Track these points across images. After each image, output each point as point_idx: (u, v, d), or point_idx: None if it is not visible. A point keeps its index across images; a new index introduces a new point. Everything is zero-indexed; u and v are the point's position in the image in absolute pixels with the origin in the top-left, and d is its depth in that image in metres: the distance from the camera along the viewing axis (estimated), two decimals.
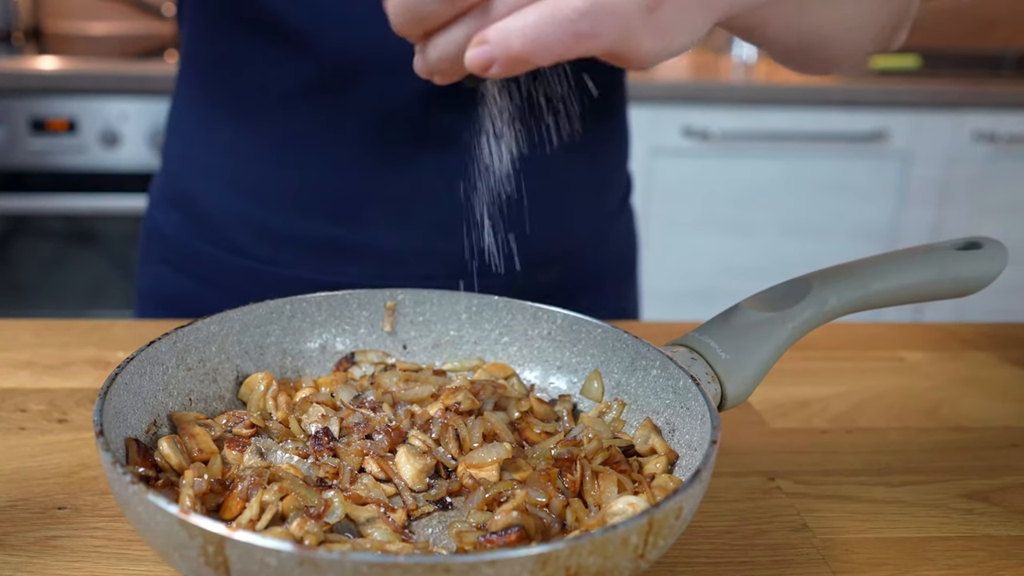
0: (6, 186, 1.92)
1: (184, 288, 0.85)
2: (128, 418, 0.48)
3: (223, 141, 0.81)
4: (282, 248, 0.80)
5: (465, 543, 0.43)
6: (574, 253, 0.86)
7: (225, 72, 0.79)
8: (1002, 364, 0.78)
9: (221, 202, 0.82)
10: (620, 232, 0.93)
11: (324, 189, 0.78)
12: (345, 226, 0.79)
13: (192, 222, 0.84)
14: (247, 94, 0.78)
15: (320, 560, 0.34)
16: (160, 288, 0.88)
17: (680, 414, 0.50)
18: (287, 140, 0.78)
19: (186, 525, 0.36)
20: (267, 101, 0.77)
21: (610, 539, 0.36)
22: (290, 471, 0.47)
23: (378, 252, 0.79)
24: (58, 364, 0.70)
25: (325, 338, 0.60)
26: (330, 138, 0.77)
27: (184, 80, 0.85)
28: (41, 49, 2.13)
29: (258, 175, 0.79)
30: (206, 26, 0.79)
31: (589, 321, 0.57)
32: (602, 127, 0.87)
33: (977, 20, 2.65)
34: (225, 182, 0.81)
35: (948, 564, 0.51)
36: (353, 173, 0.77)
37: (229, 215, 0.81)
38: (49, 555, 0.48)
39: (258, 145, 0.79)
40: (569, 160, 0.83)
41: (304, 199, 0.79)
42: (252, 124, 0.79)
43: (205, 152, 0.82)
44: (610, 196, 0.91)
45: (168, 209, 0.86)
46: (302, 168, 0.78)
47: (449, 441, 0.51)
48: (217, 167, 0.81)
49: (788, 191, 2.12)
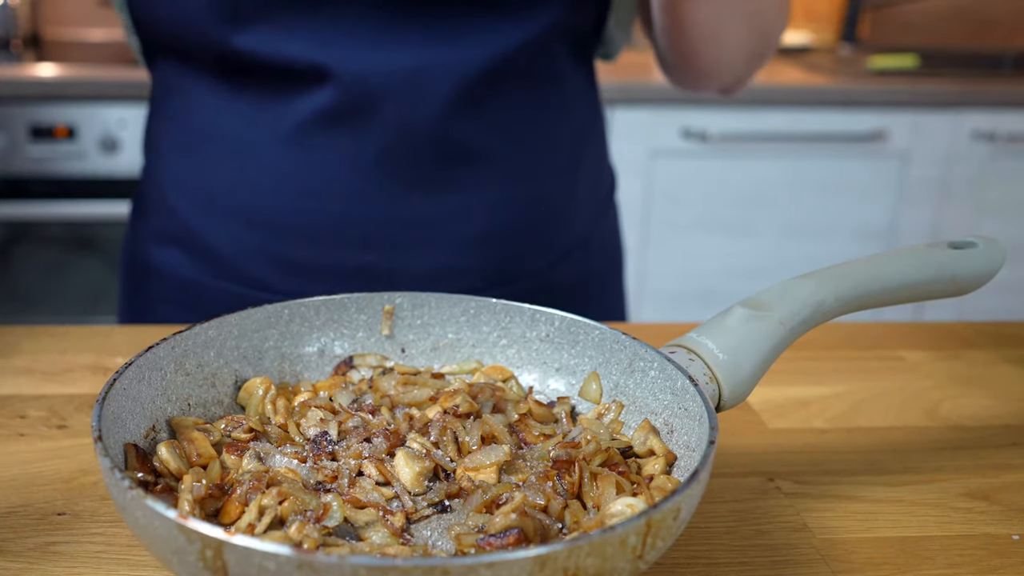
0: (6, 193, 1.92)
1: None
2: (127, 423, 0.48)
3: (227, 177, 0.79)
4: (314, 280, 0.79)
5: (464, 545, 0.43)
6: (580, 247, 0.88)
7: (221, 108, 0.78)
8: (1002, 363, 0.78)
9: (233, 239, 0.80)
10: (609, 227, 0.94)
11: (350, 217, 0.77)
12: (375, 253, 0.79)
13: (199, 260, 0.81)
14: (250, 129, 0.77)
15: (318, 563, 0.34)
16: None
17: (678, 415, 0.50)
18: (302, 172, 0.77)
19: (184, 530, 0.36)
20: (275, 134, 0.76)
21: (608, 540, 0.36)
22: (289, 475, 0.47)
23: (408, 274, 0.80)
24: (57, 370, 0.70)
25: (323, 342, 0.60)
26: (351, 165, 0.76)
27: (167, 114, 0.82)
28: (40, 56, 2.14)
29: (273, 209, 0.78)
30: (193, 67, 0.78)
31: (587, 323, 0.57)
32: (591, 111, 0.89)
33: (976, 20, 2.65)
34: (235, 218, 0.79)
35: (948, 563, 0.51)
36: (379, 198, 0.77)
37: (245, 251, 0.80)
38: (49, 561, 0.48)
39: (269, 179, 0.77)
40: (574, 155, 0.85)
41: (330, 229, 0.78)
42: (259, 158, 0.77)
43: (206, 188, 0.80)
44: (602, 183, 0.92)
45: (165, 246, 0.84)
46: (321, 199, 0.77)
47: (448, 444, 0.51)
48: (223, 203, 0.79)
49: (787, 192, 2.12)
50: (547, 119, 0.82)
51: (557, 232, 0.85)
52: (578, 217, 0.87)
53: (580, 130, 0.86)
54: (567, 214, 0.86)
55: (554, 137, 0.83)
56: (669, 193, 2.09)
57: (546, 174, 0.83)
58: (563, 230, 0.86)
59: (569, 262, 0.87)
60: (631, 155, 2.01)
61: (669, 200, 2.10)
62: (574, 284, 0.88)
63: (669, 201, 2.10)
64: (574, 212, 0.86)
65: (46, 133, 1.88)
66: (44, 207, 1.94)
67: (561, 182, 0.84)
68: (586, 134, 0.87)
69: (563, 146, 0.84)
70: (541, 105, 0.81)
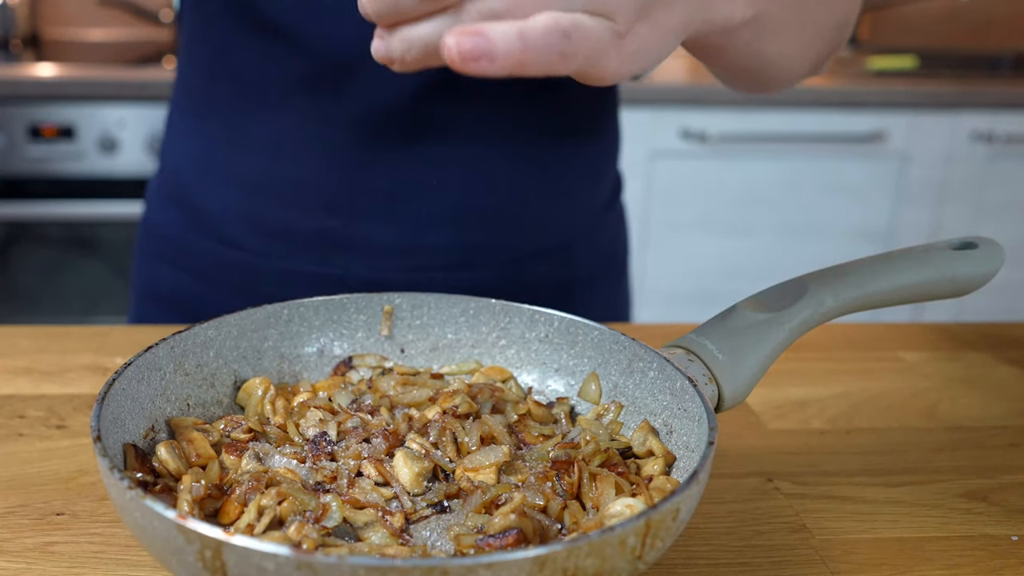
0: (4, 193, 1.92)
1: (180, 284, 0.86)
2: (126, 423, 0.48)
3: (218, 136, 0.81)
4: (277, 240, 0.81)
5: (463, 546, 0.43)
6: (564, 249, 0.87)
7: (219, 68, 0.80)
8: (1000, 364, 0.78)
9: (218, 196, 0.82)
10: (611, 229, 0.94)
11: (318, 182, 0.79)
12: (339, 218, 0.80)
13: (188, 217, 0.85)
14: (241, 89, 0.79)
15: (317, 564, 0.34)
16: (156, 285, 0.89)
17: (677, 416, 0.50)
18: (281, 133, 0.79)
19: (183, 530, 0.36)
20: (261, 95, 0.78)
21: (608, 541, 0.36)
22: (288, 475, 0.47)
23: (371, 244, 0.80)
24: (56, 370, 0.70)
25: (323, 342, 0.60)
26: (323, 131, 0.78)
27: (181, 78, 0.86)
28: (39, 56, 2.14)
29: (254, 168, 0.80)
30: (201, 24, 0.80)
31: (586, 324, 0.57)
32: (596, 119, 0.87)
33: (974, 20, 2.65)
34: (222, 176, 0.82)
35: (947, 564, 0.51)
36: (346, 166, 0.78)
37: (225, 209, 0.82)
38: (47, 561, 0.48)
39: (253, 139, 0.80)
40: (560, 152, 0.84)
41: (298, 192, 0.79)
42: (247, 118, 0.80)
43: (201, 148, 0.83)
44: (600, 191, 0.91)
45: (165, 206, 0.87)
46: (296, 161, 0.79)
47: (447, 444, 0.51)
48: (213, 162, 0.82)
49: (786, 192, 2.12)
50: (532, 107, 0.80)
51: (531, 227, 0.84)
52: (560, 218, 0.86)
53: (575, 129, 0.85)
54: (545, 211, 0.84)
55: (542, 129, 0.82)
56: (668, 193, 2.09)
57: (524, 164, 0.82)
58: (539, 227, 0.84)
59: (546, 263, 0.86)
60: (630, 155, 2.01)
61: (668, 200, 2.10)
62: (550, 287, 0.86)
63: (668, 201, 2.10)
64: (555, 211, 0.85)
65: (45, 133, 1.88)
66: (43, 207, 1.94)
67: (541, 176, 0.83)
68: (584, 134, 0.86)
69: (550, 141, 0.83)
70: (530, 94, 0.80)
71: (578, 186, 0.87)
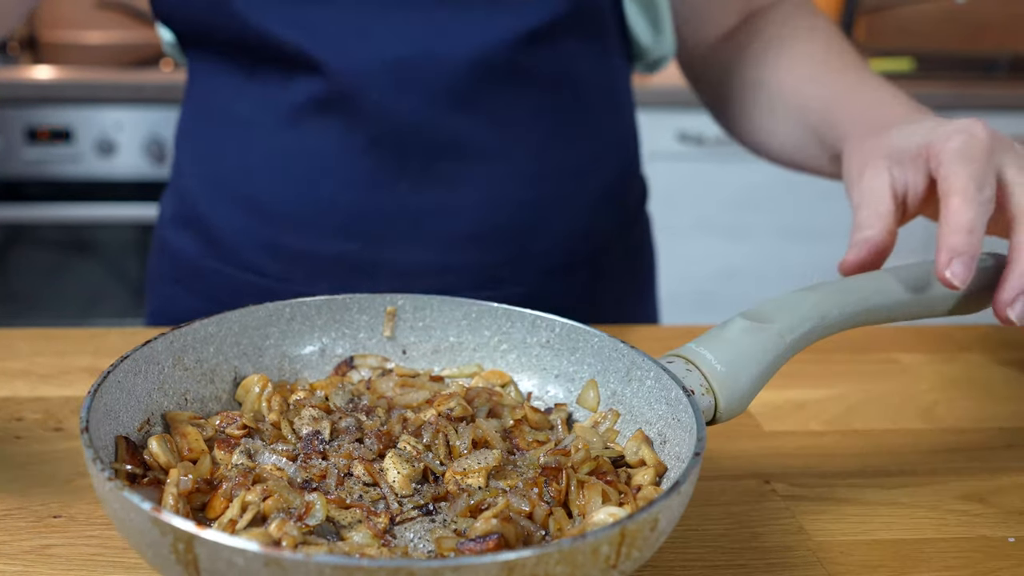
0: (2, 195, 1.92)
1: (197, 309, 0.84)
2: (120, 416, 0.48)
3: (233, 160, 0.80)
4: (295, 266, 0.80)
5: (444, 549, 0.43)
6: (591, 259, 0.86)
7: (233, 92, 0.79)
8: (996, 365, 0.78)
9: (233, 221, 0.81)
10: (636, 237, 0.93)
11: (336, 205, 0.77)
12: (358, 242, 0.78)
13: (204, 242, 0.83)
14: (256, 113, 0.78)
15: (285, 561, 0.35)
16: (172, 308, 0.88)
17: (672, 426, 0.50)
18: (297, 156, 0.77)
19: (158, 522, 0.37)
20: (276, 118, 0.77)
21: (579, 548, 0.36)
22: (275, 473, 0.47)
23: (393, 268, 0.79)
24: (54, 373, 0.70)
25: (325, 342, 0.60)
26: (340, 153, 0.76)
27: (192, 99, 0.85)
28: (37, 58, 2.14)
29: (269, 193, 0.79)
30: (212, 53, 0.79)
31: (587, 330, 0.57)
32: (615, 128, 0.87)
33: (970, 23, 2.66)
34: (237, 201, 0.80)
35: (944, 565, 0.51)
36: (364, 188, 0.77)
37: (241, 234, 0.81)
38: (45, 564, 0.48)
39: (268, 163, 0.78)
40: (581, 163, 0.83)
41: (316, 216, 0.78)
42: (261, 142, 0.78)
43: (215, 171, 0.82)
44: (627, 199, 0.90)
45: (179, 229, 0.86)
46: (313, 185, 0.77)
47: (439, 447, 0.51)
48: (228, 186, 0.81)
49: (784, 195, 2.12)
50: (554, 121, 0.79)
51: (554, 241, 0.82)
52: (583, 230, 0.84)
53: (597, 138, 0.83)
54: (569, 224, 0.83)
55: (561, 141, 0.80)
56: (665, 196, 2.09)
57: (547, 179, 0.80)
58: (562, 241, 0.83)
59: (573, 275, 0.84)
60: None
61: (665, 203, 2.10)
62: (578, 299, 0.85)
63: (665, 204, 2.10)
64: (578, 224, 0.83)
65: (42, 135, 1.88)
66: (40, 209, 1.94)
67: (565, 190, 0.81)
68: (606, 143, 0.85)
69: (571, 152, 0.81)
70: (546, 106, 0.78)
71: (603, 196, 0.85)
